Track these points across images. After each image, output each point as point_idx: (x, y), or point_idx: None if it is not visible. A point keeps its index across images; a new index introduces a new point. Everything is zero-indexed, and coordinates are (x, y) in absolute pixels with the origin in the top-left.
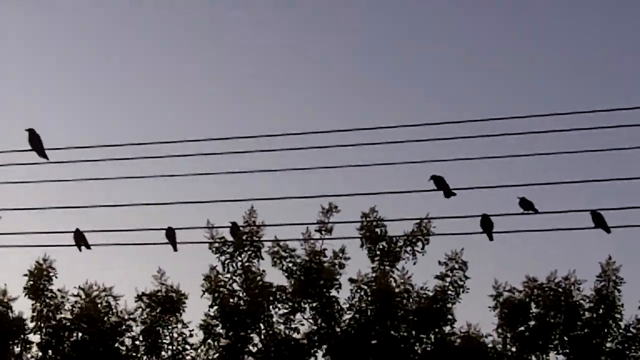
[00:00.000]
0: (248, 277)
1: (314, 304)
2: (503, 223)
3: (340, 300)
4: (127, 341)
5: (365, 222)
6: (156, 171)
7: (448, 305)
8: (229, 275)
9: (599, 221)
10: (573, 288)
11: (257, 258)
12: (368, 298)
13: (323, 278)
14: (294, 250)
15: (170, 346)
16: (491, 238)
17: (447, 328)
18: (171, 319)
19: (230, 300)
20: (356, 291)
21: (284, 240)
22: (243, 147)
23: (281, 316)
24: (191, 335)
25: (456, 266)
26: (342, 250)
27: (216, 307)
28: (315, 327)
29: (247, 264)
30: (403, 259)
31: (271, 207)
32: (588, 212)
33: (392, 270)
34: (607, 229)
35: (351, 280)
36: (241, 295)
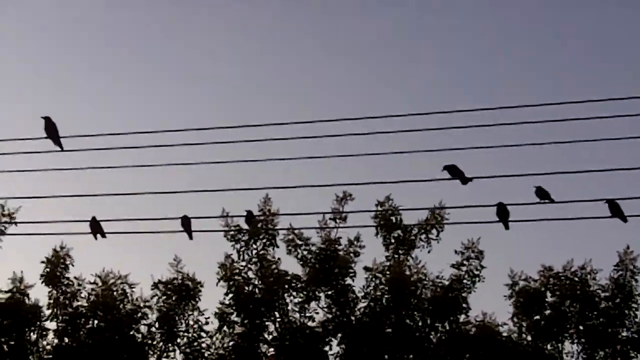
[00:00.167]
0: (263, 266)
1: (329, 292)
2: (519, 212)
3: (355, 288)
4: (143, 328)
5: (380, 211)
6: (171, 160)
7: (463, 294)
8: (244, 263)
9: (616, 210)
10: (589, 277)
11: (272, 246)
12: (383, 286)
13: (338, 266)
14: (309, 238)
15: (186, 333)
16: (507, 227)
17: (462, 317)
18: (187, 307)
19: (245, 288)
20: (371, 279)
21: (299, 228)
22: (257, 136)
23: (296, 304)
24: (207, 322)
25: (472, 255)
26: (357, 238)
27: (231, 295)
28: (330, 316)
29: (262, 252)
30: (418, 247)
31: (286, 196)
32: (604, 202)
33: (407, 258)
34: (624, 218)
35: (366, 268)
36: (256, 283)
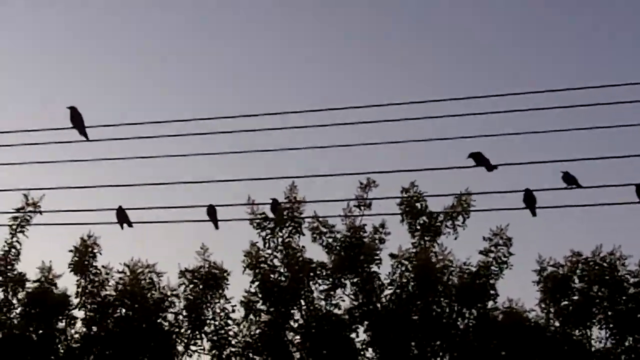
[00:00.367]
0: (289, 253)
1: (355, 280)
2: (546, 198)
3: (380, 275)
4: (170, 317)
5: (405, 197)
6: (196, 149)
7: (491, 280)
8: (270, 251)
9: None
10: (618, 263)
11: (298, 234)
12: (409, 273)
13: (363, 253)
14: (334, 226)
15: (212, 322)
16: (534, 213)
17: (490, 303)
18: (213, 295)
19: (271, 276)
20: (397, 266)
21: (324, 216)
22: (282, 124)
23: (322, 292)
24: (233, 310)
25: (500, 242)
26: (382, 225)
27: (257, 283)
28: (356, 303)
29: (288, 240)
30: (444, 234)
31: (311, 183)
32: (633, 187)
33: (433, 245)
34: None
35: (392, 255)
36: (282, 271)
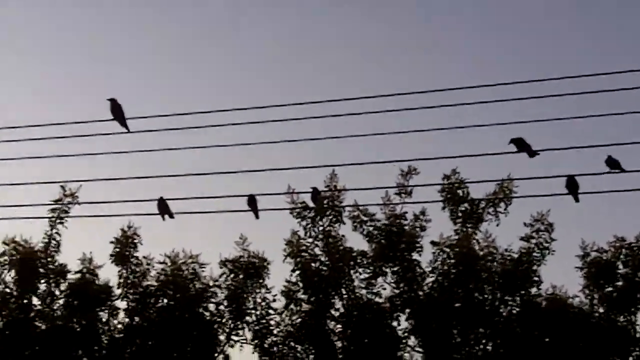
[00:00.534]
0: (329, 242)
1: (396, 268)
2: (589, 183)
3: (422, 263)
4: (212, 307)
5: (446, 184)
6: (236, 139)
7: (533, 267)
8: (311, 240)
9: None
10: None
11: (338, 223)
12: (451, 261)
13: (404, 241)
14: (374, 214)
15: (254, 311)
16: (577, 199)
17: (533, 290)
18: (254, 285)
19: (311, 265)
20: (438, 254)
21: (364, 205)
22: (321, 112)
23: (363, 280)
24: (274, 300)
25: (542, 228)
26: (423, 212)
27: (298, 272)
28: (397, 291)
29: (328, 229)
30: (486, 221)
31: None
32: None
33: (475, 232)
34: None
35: (433, 243)
36: (322, 260)
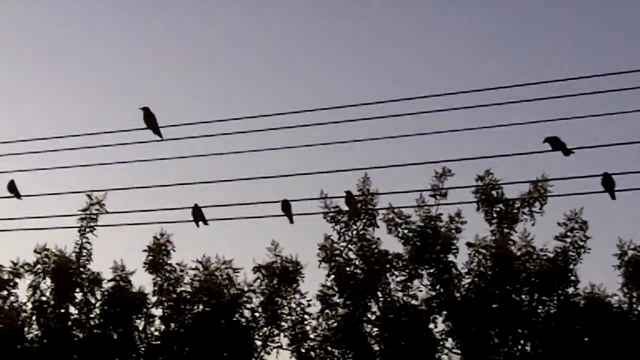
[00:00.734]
0: (364, 245)
1: (432, 270)
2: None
3: (458, 265)
4: (247, 313)
5: (480, 186)
6: (268, 144)
7: (569, 266)
8: (344, 244)
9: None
10: None
11: (372, 226)
12: (487, 262)
13: (439, 243)
14: (409, 216)
15: (289, 317)
16: (613, 197)
17: (570, 289)
18: (289, 290)
19: (346, 269)
20: (474, 255)
21: (399, 207)
22: (354, 116)
23: (398, 283)
24: (309, 305)
25: (576, 226)
26: (458, 214)
27: (333, 277)
28: (433, 293)
29: (362, 233)
30: (521, 221)
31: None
32: None
33: (511, 232)
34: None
35: (469, 244)
36: (357, 263)
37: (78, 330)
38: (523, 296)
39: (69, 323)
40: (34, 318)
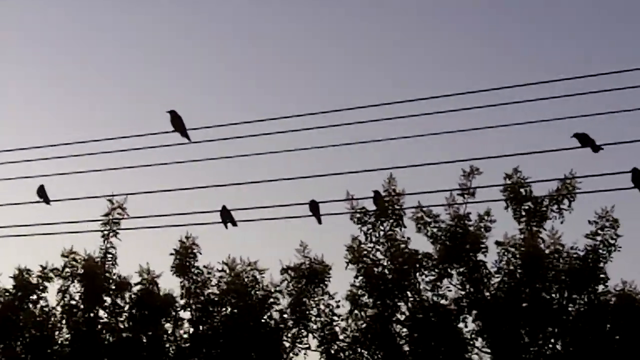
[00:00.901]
0: (392, 245)
1: (461, 269)
2: None
3: (487, 264)
4: (276, 314)
5: (508, 185)
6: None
7: (600, 264)
8: (372, 244)
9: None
10: None
11: (399, 226)
12: (516, 260)
13: (469, 242)
14: (438, 215)
15: (318, 318)
16: None
17: (600, 287)
18: (317, 291)
19: (374, 269)
20: (504, 254)
21: (427, 206)
22: (380, 115)
23: (428, 283)
24: (338, 306)
25: (607, 224)
26: (487, 213)
27: (361, 278)
28: (463, 293)
29: (390, 233)
30: (550, 219)
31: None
32: None
33: (540, 230)
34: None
35: (498, 243)
36: (385, 264)
37: (107, 333)
38: (553, 294)
39: (99, 327)
40: (64, 322)
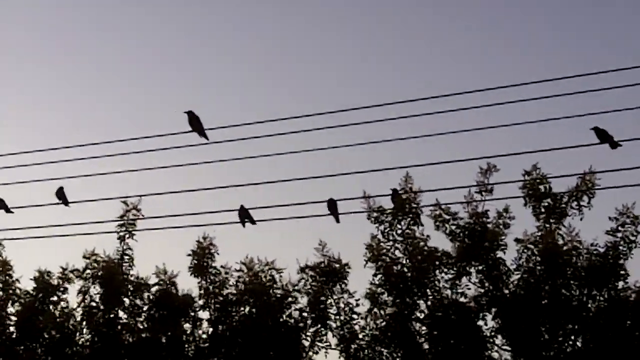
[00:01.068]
0: (410, 244)
1: (480, 267)
2: None
3: (506, 261)
4: (295, 313)
5: (527, 180)
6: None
7: (620, 261)
8: (391, 243)
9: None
10: None
11: (417, 225)
12: (536, 257)
13: (487, 240)
14: (456, 213)
15: (337, 317)
16: None
17: (620, 283)
18: (336, 289)
19: (393, 268)
20: (523, 251)
21: (445, 204)
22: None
23: (447, 281)
24: (357, 304)
25: (627, 221)
26: (506, 210)
27: (380, 276)
28: (482, 290)
29: (408, 231)
30: (569, 215)
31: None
32: None
33: (559, 227)
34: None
35: (517, 240)
36: (404, 262)
37: (127, 334)
38: (573, 291)
39: (118, 327)
40: (84, 323)
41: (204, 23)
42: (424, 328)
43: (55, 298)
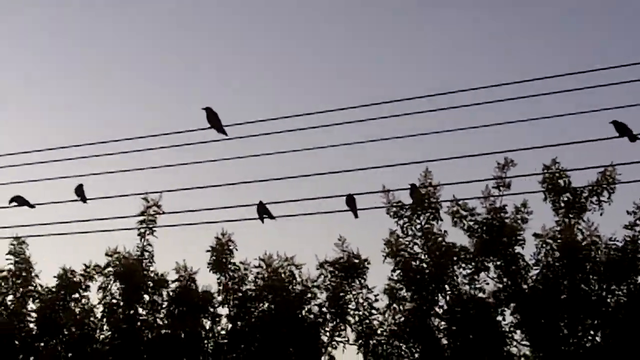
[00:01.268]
0: (429, 239)
1: (498, 262)
2: None
3: (525, 256)
4: (314, 309)
5: (547, 175)
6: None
7: (639, 255)
8: (409, 238)
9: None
10: None
11: (436, 220)
12: (554, 252)
13: (505, 235)
14: (474, 208)
15: (356, 312)
16: None
17: (639, 278)
18: (355, 285)
19: (412, 263)
20: (541, 246)
21: (463, 199)
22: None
23: (465, 276)
24: (376, 300)
25: None
26: (524, 204)
27: (399, 271)
28: (500, 286)
29: (427, 227)
30: (589, 210)
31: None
32: None
33: (578, 222)
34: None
35: (536, 235)
36: (423, 257)
37: (147, 330)
38: (592, 286)
39: (138, 324)
40: (104, 320)
41: (222, 21)
42: (443, 323)
43: (77, 295)
